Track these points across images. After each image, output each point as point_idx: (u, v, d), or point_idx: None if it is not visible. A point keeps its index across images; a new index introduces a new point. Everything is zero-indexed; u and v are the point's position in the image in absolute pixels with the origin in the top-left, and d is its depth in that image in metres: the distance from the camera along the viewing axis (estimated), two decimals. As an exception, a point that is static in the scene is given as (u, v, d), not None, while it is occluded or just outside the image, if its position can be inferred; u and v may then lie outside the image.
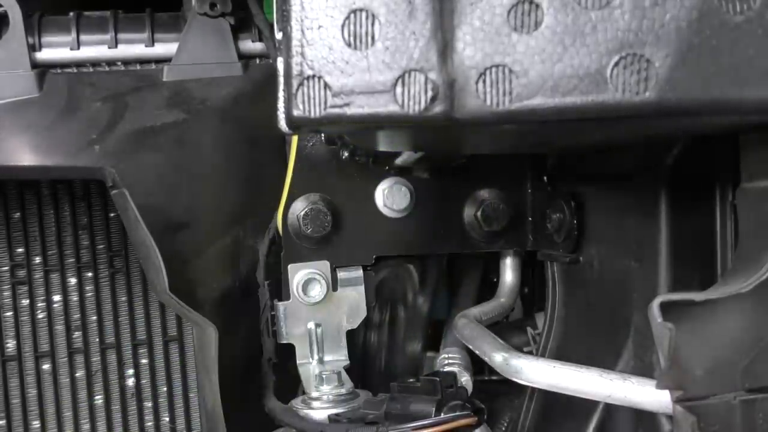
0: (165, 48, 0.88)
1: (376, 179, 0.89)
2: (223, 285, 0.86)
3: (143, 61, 0.89)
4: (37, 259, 0.89)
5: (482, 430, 0.76)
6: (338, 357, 0.89)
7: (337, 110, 0.47)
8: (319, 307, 0.88)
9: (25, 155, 0.80)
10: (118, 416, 0.92)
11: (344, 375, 0.84)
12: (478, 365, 0.92)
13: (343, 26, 0.46)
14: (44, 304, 0.90)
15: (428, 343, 1.02)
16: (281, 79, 0.48)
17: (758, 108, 0.48)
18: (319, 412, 0.80)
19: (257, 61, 0.90)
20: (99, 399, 0.91)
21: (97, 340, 0.91)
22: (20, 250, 0.89)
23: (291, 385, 0.89)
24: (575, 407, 0.79)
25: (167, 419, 0.93)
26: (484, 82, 0.46)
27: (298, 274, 0.87)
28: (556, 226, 0.88)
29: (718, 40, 0.46)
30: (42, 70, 0.84)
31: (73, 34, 0.87)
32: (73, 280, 0.90)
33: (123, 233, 0.91)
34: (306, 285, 0.87)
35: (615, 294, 0.81)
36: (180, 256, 0.81)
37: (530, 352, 0.96)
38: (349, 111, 0.47)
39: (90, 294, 0.91)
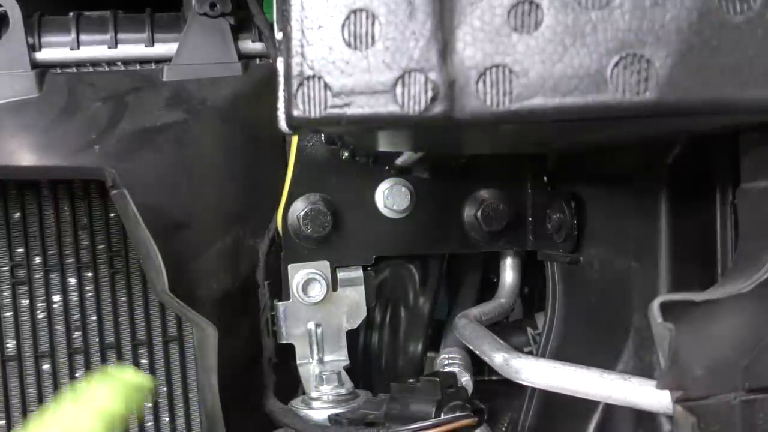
0: (165, 48, 0.88)
1: (377, 179, 0.89)
2: (223, 285, 0.86)
3: (143, 61, 0.89)
4: (37, 259, 0.89)
5: (482, 430, 0.76)
6: (338, 357, 0.89)
7: (337, 110, 0.47)
8: (319, 307, 0.88)
9: (25, 155, 0.80)
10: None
11: (344, 375, 0.84)
12: (478, 365, 0.92)
13: (343, 26, 0.46)
14: (44, 304, 0.89)
15: (429, 343, 1.02)
16: (281, 79, 0.48)
17: (758, 108, 0.47)
18: (319, 413, 0.80)
19: (257, 61, 0.90)
20: (99, 399, 0.91)
21: (97, 340, 0.91)
22: (20, 250, 0.89)
23: (291, 385, 0.89)
24: (575, 407, 0.79)
25: (167, 419, 0.93)
26: (484, 82, 0.46)
27: (298, 274, 0.87)
28: (556, 226, 0.88)
29: (718, 40, 0.46)
30: (42, 70, 0.84)
31: (73, 34, 0.87)
32: (73, 281, 0.90)
33: (123, 233, 0.91)
34: (306, 285, 0.87)
35: (615, 294, 0.81)
36: (180, 256, 0.81)
37: (530, 352, 0.96)
38: (349, 111, 0.47)
39: (90, 294, 0.91)
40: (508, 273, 1.00)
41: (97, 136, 0.81)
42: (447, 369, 0.89)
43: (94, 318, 0.91)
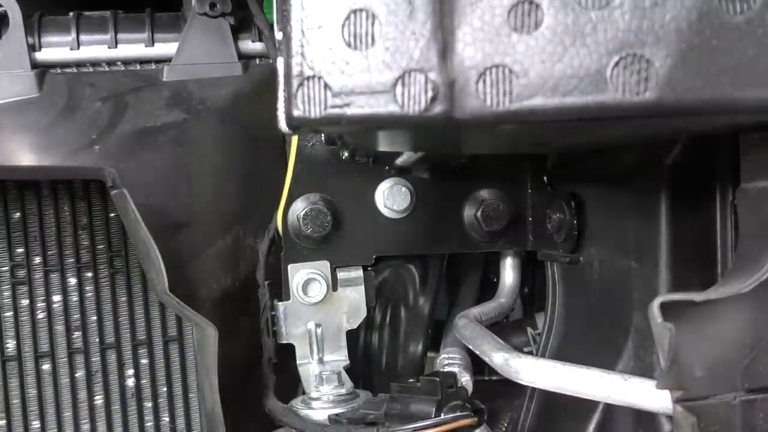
0: (165, 48, 0.88)
1: (377, 179, 0.89)
2: (223, 285, 0.86)
3: (143, 61, 0.89)
4: (37, 259, 0.89)
5: (482, 430, 0.76)
6: (338, 357, 0.89)
7: (337, 110, 0.47)
8: (319, 307, 0.88)
9: (25, 155, 0.80)
10: (118, 416, 0.92)
11: (344, 375, 0.84)
12: (478, 365, 0.92)
13: (343, 26, 0.46)
14: (44, 304, 0.89)
15: (429, 343, 1.02)
16: (281, 79, 0.48)
17: (758, 108, 0.47)
18: (319, 413, 0.80)
19: (257, 61, 0.90)
20: (99, 399, 0.91)
21: (97, 340, 0.91)
22: (20, 250, 0.89)
23: (291, 385, 0.89)
24: (575, 407, 0.79)
25: (167, 419, 0.93)
26: (484, 82, 0.46)
27: (298, 274, 0.87)
28: (556, 226, 0.88)
29: (718, 40, 0.46)
30: (42, 70, 0.84)
31: (73, 34, 0.87)
32: (73, 281, 0.90)
33: (123, 233, 0.91)
34: (306, 285, 0.87)
35: (615, 294, 0.81)
36: (180, 256, 0.81)
37: (530, 352, 0.96)
38: (349, 111, 0.47)
39: (90, 294, 0.91)
40: (508, 273, 1.00)
41: (97, 136, 0.81)
42: (447, 369, 0.89)
43: (94, 318, 0.91)
